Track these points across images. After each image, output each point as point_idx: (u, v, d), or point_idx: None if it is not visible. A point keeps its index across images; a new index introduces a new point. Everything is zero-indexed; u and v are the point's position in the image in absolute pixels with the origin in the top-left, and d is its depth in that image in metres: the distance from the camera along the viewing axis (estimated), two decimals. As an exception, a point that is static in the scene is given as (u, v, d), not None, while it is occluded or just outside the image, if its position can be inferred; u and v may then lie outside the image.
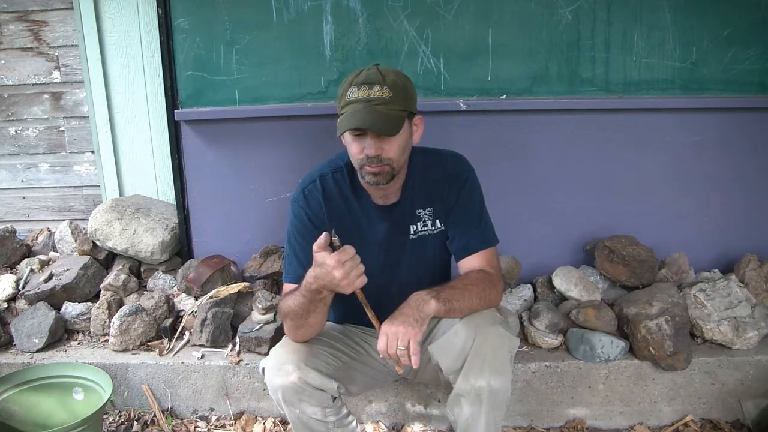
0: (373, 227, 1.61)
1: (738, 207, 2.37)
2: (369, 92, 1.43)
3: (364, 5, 2.14)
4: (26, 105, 2.58)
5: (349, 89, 1.45)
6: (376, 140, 1.43)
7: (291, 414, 1.53)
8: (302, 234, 1.57)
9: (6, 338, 2.14)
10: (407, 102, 1.47)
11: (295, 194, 1.62)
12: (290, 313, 1.48)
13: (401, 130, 1.44)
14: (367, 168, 1.46)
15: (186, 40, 2.18)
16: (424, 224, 1.63)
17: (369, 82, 1.43)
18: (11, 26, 2.49)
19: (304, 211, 1.58)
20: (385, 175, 1.47)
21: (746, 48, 2.18)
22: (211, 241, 2.41)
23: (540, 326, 2.05)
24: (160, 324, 2.17)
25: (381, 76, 1.44)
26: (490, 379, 1.42)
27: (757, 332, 1.99)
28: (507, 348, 1.46)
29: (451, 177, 1.62)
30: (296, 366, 1.47)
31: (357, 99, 1.43)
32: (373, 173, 1.47)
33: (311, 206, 1.58)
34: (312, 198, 1.59)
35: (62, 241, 2.46)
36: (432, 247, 1.66)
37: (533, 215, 2.37)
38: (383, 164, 1.45)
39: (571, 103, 2.21)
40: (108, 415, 2.05)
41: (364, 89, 1.43)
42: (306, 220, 1.58)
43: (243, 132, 2.31)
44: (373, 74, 1.45)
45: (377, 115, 1.40)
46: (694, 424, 2.00)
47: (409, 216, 1.62)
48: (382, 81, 1.43)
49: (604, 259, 2.20)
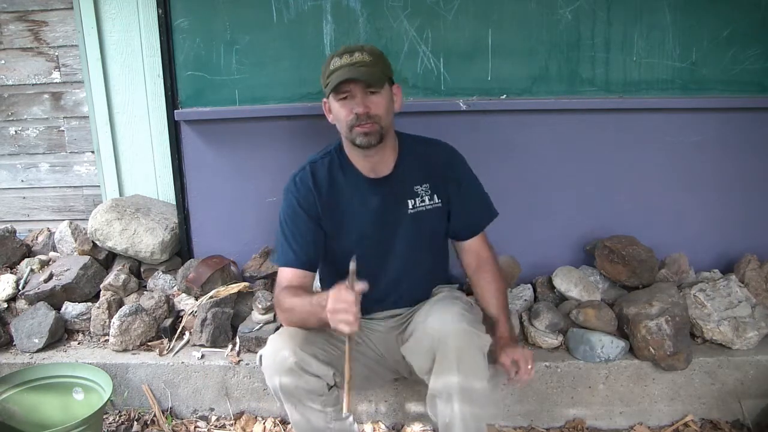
0: (365, 201, 1.67)
1: (738, 207, 2.37)
2: (351, 58, 1.54)
3: (364, 5, 2.14)
4: (26, 105, 2.58)
5: (332, 60, 1.56)
6: (363, 98, 1.53)
7: (289, 403, 1.52)
8: (293, 219, 1.66)
9: (6, 338, 2.14)
10: (386, 68, 1.60)
11: (288, 182, 1.69)
12: (293, 312, 1.55)
13: (384, 90, 1.56)
14: (357, 129, 1.55)
15: (186, 40, 2.18)
16: (422, 200, 1.69)
17: (349, 51, 1.56)
18: (11, 26, 2.49)
19: (295, 198, 1.66)
20: (375, 134, 1.55)
21: (746, 48, 2.18)
22: (211, 241, 2.41)
23: (540, 326, 2.05)
24: (160, 324, 2.17)
25: (360, 45, 1.59)
26: (460, 378, 1.43)
27: (757, 332, 1.99)
28: (476, 345, 1.46)
29: (449, 156, 1.74)
30: (293, 351, 1.48)
31: (340, 65, 1.53)
32: (363, 133, 1.55)
33: (302, 192, 1.66)
34: (303, 185, 1.66)
35: (62, 241, 2.46)
36: (430, 222, 1.71)
37: (533, 215, 2.37)
38: (372, 122, 1.54)
39: (571, 103, 2.21)
40: (108, 415, 2.05)
41: (346, 57, 1.54)
42: (296, 205, 1.65)
43: (243, 132, 2.31)
44: (352, 45, 1.59)
45: (362, 72, 1.52)
46: (694, 424, 2.00)
47: (406, 191, 1.69)
48: (361, 49, 1.57)
49: (604, 259, 2.20)
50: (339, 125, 1.61)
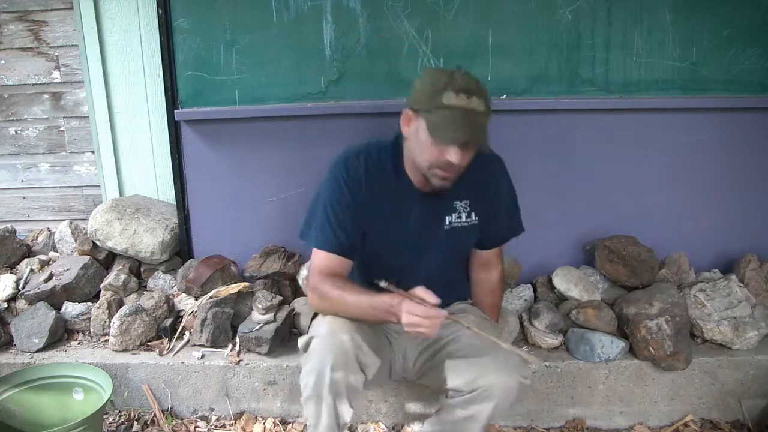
0: (408, 210, 1.62)
1: (738, 207, 2.37)
2: (468, 101, 1.43)
3: (364, 5, 2.14)
4: (26, 105, 2.58)
5: (446, 93, 1.42)
6: (462, 152, 1.45)
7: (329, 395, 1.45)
8: (338, 201, 1.58)
9: (6, 338, 2.14)
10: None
11: (337, 161, 1.61)
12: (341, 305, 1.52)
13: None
14: (439, 171, 1.49)
15: (186, 40, 2.18)
16: (458, 216, 1.65)
17: (467, 91, 1.43)
18: (11, 26, 2.49)
19: (344, 179, 1.58)
20: (452, 180, 1.52)
21: (746, 48, 2.18)
22: (211, 241, 2.41)
23: (540, 326, 2.05)
24: (160, 324, 2.17)
25: (478, 86, 1.46)
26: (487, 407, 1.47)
27: (757, 332, 1.99)
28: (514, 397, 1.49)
29: (495, 170, 1.69)
30: (350, 336, 1.46)
31: (455, 106, 1.42)
32: (442, 178, 1.50)
33: (352, 176, 1.58)
34: (354, 170, 1.59)
35: (62, 241, 2.46)
36: (464, 239, 1.69)
37: (533, 215, 2.35)
38: (455, 171, 1.50)
39: (571, 103, 2.21)
40: (108, 415, 2.05)
41: (463, 97, 1.42)
42: (344, 187, 1.58)
43: (243, 132, 2.31)
44: (472, 83, 1.45)
45: (479, 130, 1.45)
46: (694, 424, 2.00)
47: (445, 206, 1.64)
48: (479, 92, 1.45)
49: (604, 259, 2.20)
50: (418, 152, 1.51)
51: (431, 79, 1.48)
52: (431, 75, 1.49)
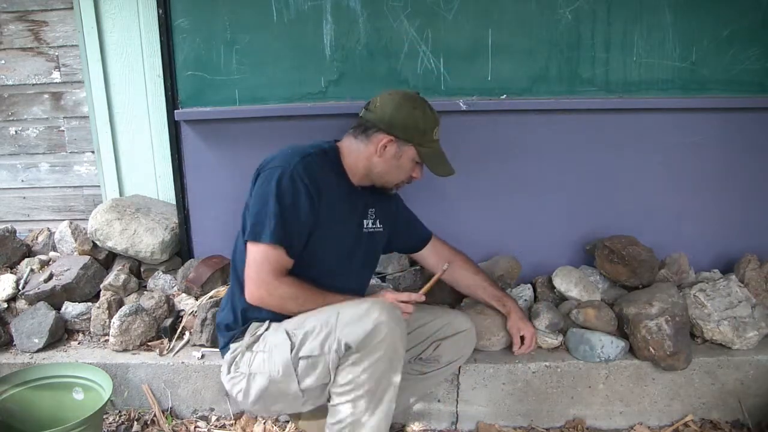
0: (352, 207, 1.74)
1: (738, 207, 2.37)
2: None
3: (364, 5, 2.14)
4: (26, 105, 2.58)
5: (435, 129, 1.69)
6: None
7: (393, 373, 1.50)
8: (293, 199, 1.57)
9: (6, 338, 2.14)
10: None
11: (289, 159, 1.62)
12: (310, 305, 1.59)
13: None
14: (403, 184, 1.77)
15: (186, 40, 2.18)
16: (373, 222, 1.80)
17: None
18: (11, 26, 2.49)
19: (300, 178, 1.58)
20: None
21: (746, 48, 2.18)
22: (211, 241, 2.41)
23: (540, 326, 2.05)
24: (160, 324, 2.17)
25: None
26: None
27: (757, 332, 1.99)
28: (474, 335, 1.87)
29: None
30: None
31: (437, 140, 1.72)
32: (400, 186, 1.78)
33: (309, 174, 1.60)
34: (309, 168, 1.61)
35: (62, 241, 2.46)
36: (378, 245, 1.85)
37: (533, 215, 2.37)
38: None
39: (571, 104, 2.21)
40: (108, 415, 2.05)
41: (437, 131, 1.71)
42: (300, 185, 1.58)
43: (243, 132, 2.31)
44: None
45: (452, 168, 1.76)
46: (694, 424, 2.00)
47: (362, 209, 1.77)
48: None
49: (604, 259, 2.20)
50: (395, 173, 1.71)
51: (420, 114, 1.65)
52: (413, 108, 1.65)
